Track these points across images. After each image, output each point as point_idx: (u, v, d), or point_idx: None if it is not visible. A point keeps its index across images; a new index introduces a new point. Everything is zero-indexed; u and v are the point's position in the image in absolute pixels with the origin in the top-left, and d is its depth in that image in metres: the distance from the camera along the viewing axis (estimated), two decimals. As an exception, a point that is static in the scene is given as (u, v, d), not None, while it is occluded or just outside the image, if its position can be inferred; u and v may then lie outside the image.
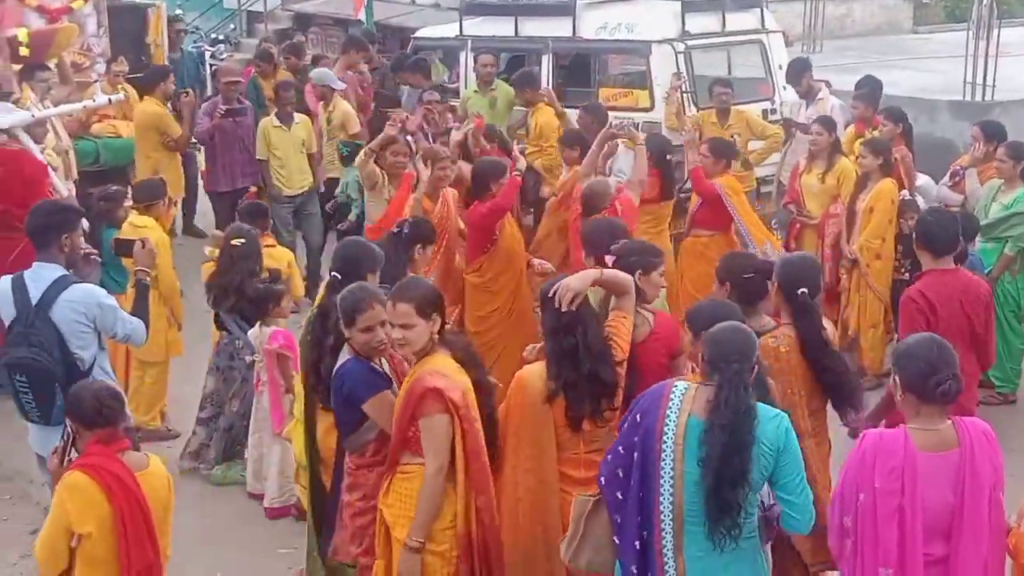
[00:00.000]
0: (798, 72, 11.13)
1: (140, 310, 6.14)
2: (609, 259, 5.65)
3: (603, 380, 4.92)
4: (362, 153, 8.56)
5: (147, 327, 6.13)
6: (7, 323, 5.77)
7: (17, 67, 10.17)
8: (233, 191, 10.96)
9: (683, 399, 4.31)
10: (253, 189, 10.78)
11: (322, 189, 11.22)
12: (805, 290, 5.35)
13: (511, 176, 8.12)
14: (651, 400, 4.39)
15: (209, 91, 14.46)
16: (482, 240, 8.07)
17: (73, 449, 4.75)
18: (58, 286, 5.69)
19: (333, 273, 5.62)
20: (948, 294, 6.27)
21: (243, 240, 7.37)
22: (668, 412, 4.29)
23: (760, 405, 4.29)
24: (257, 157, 10.92)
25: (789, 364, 5.27)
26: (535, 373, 5.01)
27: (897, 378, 4.32)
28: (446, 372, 4.81)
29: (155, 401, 8.27)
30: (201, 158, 11.95)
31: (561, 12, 11.76)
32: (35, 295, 5.68)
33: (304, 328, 5.87)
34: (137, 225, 7.98)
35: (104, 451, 4.65)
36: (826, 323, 5.52)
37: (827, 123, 9.51)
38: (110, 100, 10.43)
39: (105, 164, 11.10)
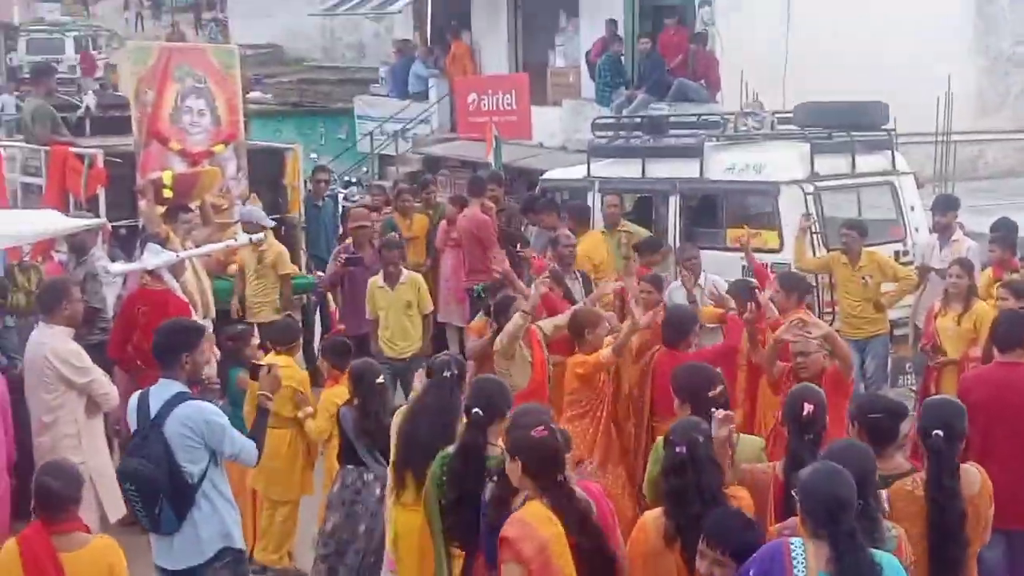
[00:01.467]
0: (945, 206, 11.03)
1: (257, 433, 6.31)
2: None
3: None
4: (517, 320, 8.10)
5: (260, 451, 6.26)
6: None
7: (161, 208, 10.52)
8: (361, 335, 10.58)
9: (806, 555, 4.24)
10: (341, 326, 10.58)
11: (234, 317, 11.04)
12: (940, 432, 5.19)
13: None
14: (770, 562, 4.28)
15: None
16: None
17: None
18: (173, 402, 5.89)
19: (475, 411, 5.61)
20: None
21: (383, 378, 7.43)
22: (795, 571, 4.24)
23: (874, 551, 4.23)
24: (367, 316, 10.59)
25: (924, 508, 5.14)
26: (654, 517, 4.98)
27: None
28: (528, 521, 4.77)
29: (284, 540, 8.31)
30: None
31: (688, 154, 11.83)
32: (154, 409, 5.90)
33: (437, 470, 5.81)
34: (282, 365, 8.13)
35: (39, 528, 5.26)
36: (973, 472, 5.33)
37: (966, 265, 9.36)
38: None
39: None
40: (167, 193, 10.52)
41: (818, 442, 5.38)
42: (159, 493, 5.79)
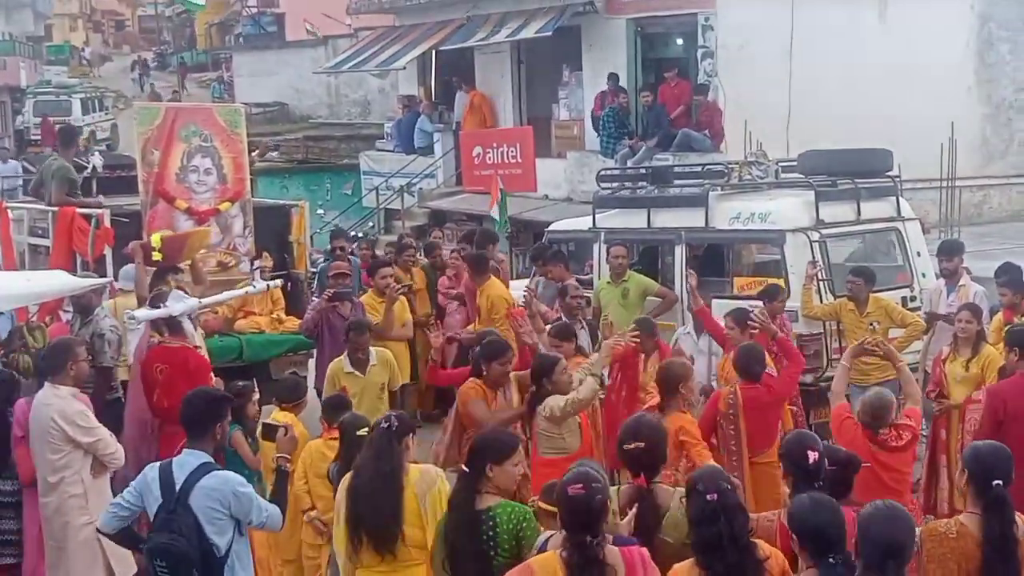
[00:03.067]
0: (951, 251, 11.12)
1: (279, 496, 6.25)
2: None
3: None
4: (593, 386, 7.92)
5: (284, 515, 6.21)
6: (152, 510, 5.86)
7: (150, 269, 10.48)
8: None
9: None
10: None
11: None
12: (1000, 482, 5.15)
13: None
14: None
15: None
16: None
17: None
18: (198, 473, 5.80)
19: (463, 467, 5.64)
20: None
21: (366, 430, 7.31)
22: None
23: None
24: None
25: (955, 551, 5.09)
26: (686, 569, 4.91)
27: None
28: (534, 569, 4.82)
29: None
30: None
31: (694, 203, 11.84)
32: (179, 482, 5.81)
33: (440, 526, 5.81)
34: (281, 422, 8.14)
35: None
36: (1020, 519, 5.29)
37: (975, 311, 9.36)
38: (268, 286, 10.78)
39: (247, 360, 11.34)
40: (156, 256, 10.48)
41: (824, 489, 5.35)
42: (192, 568, 5.69)
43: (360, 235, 22.17)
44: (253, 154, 12.54)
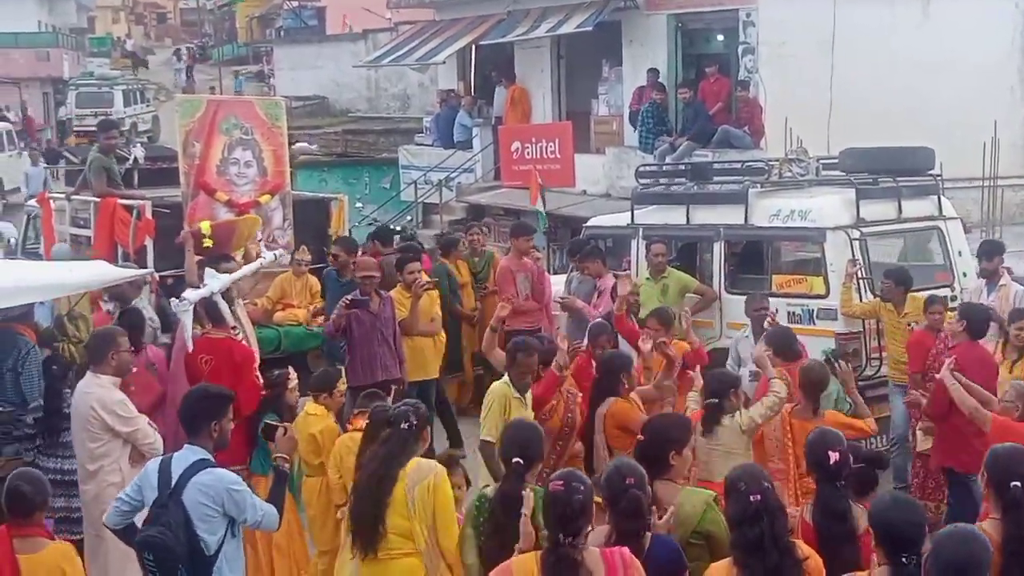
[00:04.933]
0: (991, 252, 11.06)
1: (276, 497, 6.22)
2: None
3: None
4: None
5: (281, 515, 6.17)
6: (149, 503, 5.88)
7: (200, 258, 10.54)
8: (366, 386, 9.77)
9: None
10: None
11: None
12: (1018, 484, 5.11)
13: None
14: None
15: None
16: None
17: None
18: (193, 469, 5.79)
19: (516, 460, 5.66)
20: None
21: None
22: None
23: None
24: None
25: None
26: (723, 569, 4.91)
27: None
28: (512, 571, 4.86)
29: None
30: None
31: (733, 200, 11.79)
32: (175, 477, 5.81)
33: (475, 511, 5.88)
34: (309, 413, 8.19)
35: (3, 530, 5.78)
36: None
37: None
38: (276, 255, 10.78)
39: (286, 351, 11.39)
40: (207, 243, 10.57)
41: (847, 487, 5.35)
42: (178, 563, 5.68)
43: (398, 230, 22.20)
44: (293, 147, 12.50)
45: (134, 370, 8.15)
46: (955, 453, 8.58)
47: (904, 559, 4.53)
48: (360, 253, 12.31)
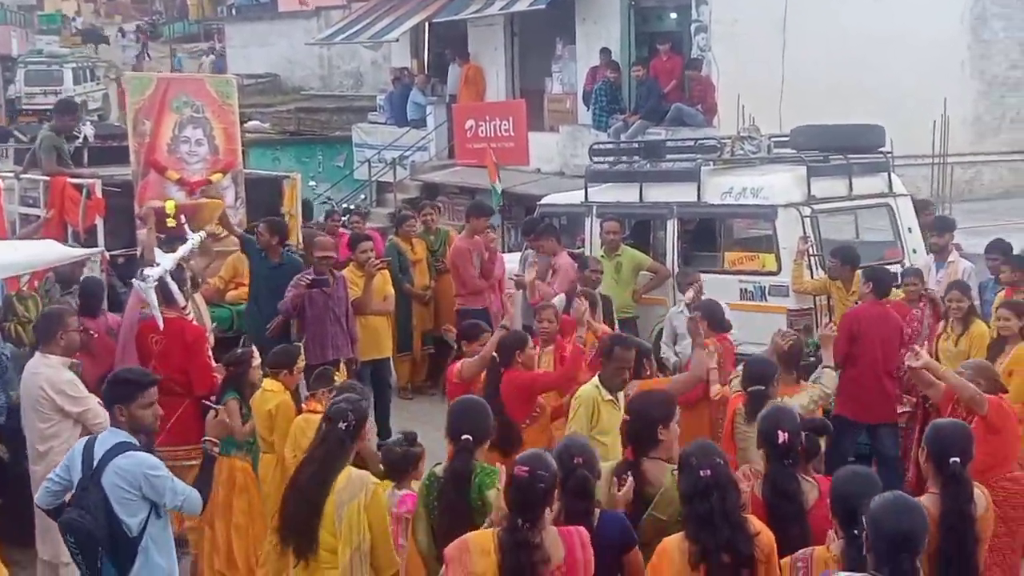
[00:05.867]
0: (941, 227, 11.23)
1: (203, 481, 6.15)
2: None
3: (740, 552, 4.81)
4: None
5: (206, 498, 6.10)
6: (75, 485, 5.84)
7: (161, 236, 10.46)
8: (321, 365, 9.66)
9: None
10: None
11: None
12: (957, 460, 5.18)
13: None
14: None
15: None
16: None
17: None
18: (112, 452, 5.74)
19: (465, 437, 5.65)
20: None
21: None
22: None
23: None
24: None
25: None
26: (676, 542, 4.92)
27: None
28: (468, 547, 4.85)
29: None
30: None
31: (686, 178, 11.85)
32: (97, 459, 5.76)
33: (425, 491, 5.84)
34: (266, 389, 8.16)
35: None
36: (980, 494, 5.32)
37: (964, 289, 9.40)
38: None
39: (239, 331, 11.34)
40: (171, 223, 10.49)
41: (795, 465, 5.40)
42: (97, 546, 5.65)
43: (352, 208, 22.12)
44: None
45: (95, 336, 8.16)
46: (848, 403, 8.97)
47: (856, 532, 4.58)
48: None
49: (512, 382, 7.67)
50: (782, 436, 5.45)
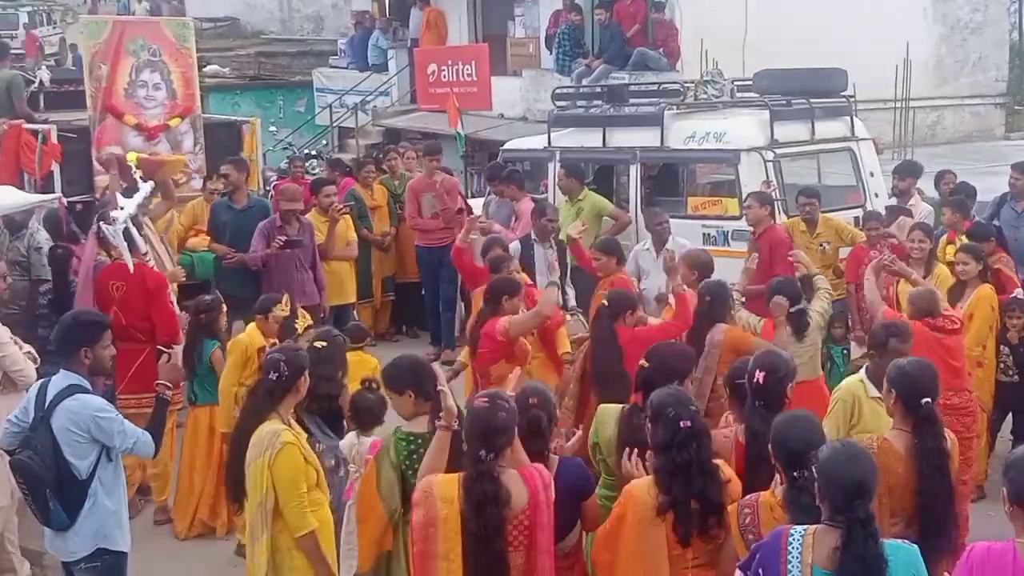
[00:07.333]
0: (906, 172, 11.39)
1: (155, 424, 6.14)
2: None
3: (711, 500, 4.81)
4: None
5: (158, 442, 6.10)
6: (29, 424, 5.84)
7: (122, 184, 10.31)
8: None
9: (803, 547, 4.13)
10: None
11: None
12: (928, 400, 5.21)
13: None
14: (769, 551, 4.21)
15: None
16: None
17: None
18: (63, 394, 5.74)
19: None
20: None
21: (324, 343, 7.00)
22: (789, 566, 4.12)
23: (889, 543, 4.12)
24: None
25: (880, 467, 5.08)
26: (644, 487, 4.89)
27: (1006, 489, 4.15)
28: (431, 491, 4.81)
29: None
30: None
31: (649, 122, 11.80)
32: (48, 401, 5.77)
33: (402, 451, 5.62)
34: (244, 334, 8.13)
35: None
36: (948, 435, 5.37)
37: (927, 231, 9.41)
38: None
39: (200, 278, 11.25)
40: (138, 174, 10.34)
41: (771, 408, 5.39)
42: (46, 488, 5.68)
43: (314, 153, 21.99)
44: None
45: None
46: None
47: (795, 475, 4.60)
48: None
49: (637, 338, 7.23)
50: (758, 376, 5.41)
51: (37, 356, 7.57)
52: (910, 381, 5.31)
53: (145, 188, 9.68)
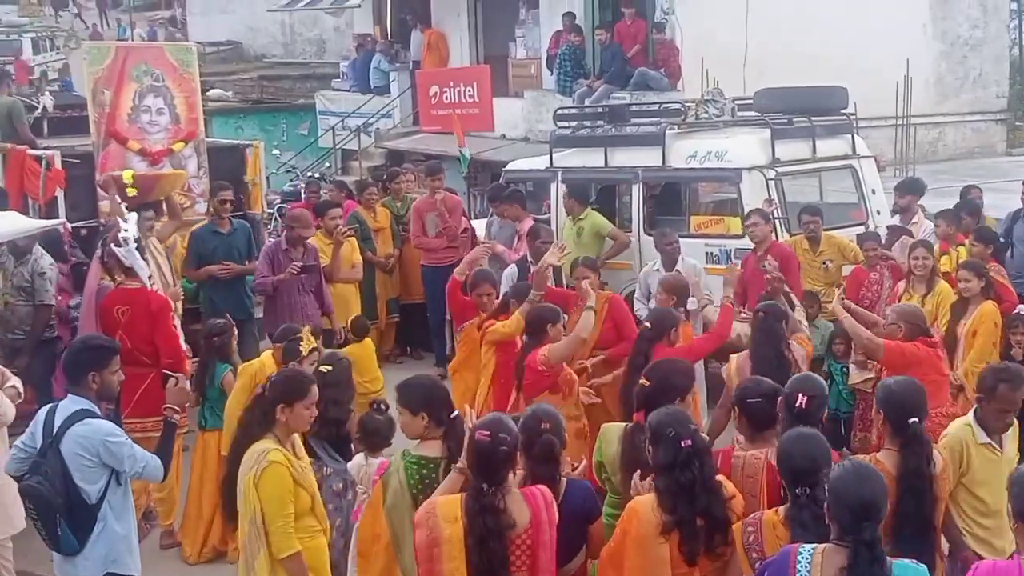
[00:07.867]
0: (907, 189, 11.42)
1: (164, 448, 6.14)
2: None
3: (716, 517, 4.81)
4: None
5: (167, 465, 6.11)
6: (37, 449, 5.84)
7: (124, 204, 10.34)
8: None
9: (811, 567, 4.13)
10: None
11: None
12: (916, 419, 5.22)
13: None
14: (777, 570, 4.22)
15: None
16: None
17: None
18: (72, 419, 5.75)
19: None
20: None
21: (330, 367, 7.14)
22: None
23: (898, 563, 4.11)
24: None
25: None
26: (647, 505, 4.88)
27: (1011, 505, 4.16)
28: (436, 512, 4.80)
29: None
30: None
31: (650, 142, 11.83)
32: (57, 426, 5.78)
33: (404, 472, 5.67)
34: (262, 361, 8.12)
35: None
36: (937, 453, 5.37)
37: (929, 247, 9.45)
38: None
39: (202, 303, 11.25)
40: (131, 192, 10.38)
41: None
42: (55, 513, 5.69)
43: (317, 176, 22.03)
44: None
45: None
46: None
47: (798, 492, 4.60)
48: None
49: (679, 355, 7.05)
50: (801, 399, 5.36)
51: (21, 391, 7.49)
52: (897, 401, 5.32)
53: (132, 217, 9.68)
